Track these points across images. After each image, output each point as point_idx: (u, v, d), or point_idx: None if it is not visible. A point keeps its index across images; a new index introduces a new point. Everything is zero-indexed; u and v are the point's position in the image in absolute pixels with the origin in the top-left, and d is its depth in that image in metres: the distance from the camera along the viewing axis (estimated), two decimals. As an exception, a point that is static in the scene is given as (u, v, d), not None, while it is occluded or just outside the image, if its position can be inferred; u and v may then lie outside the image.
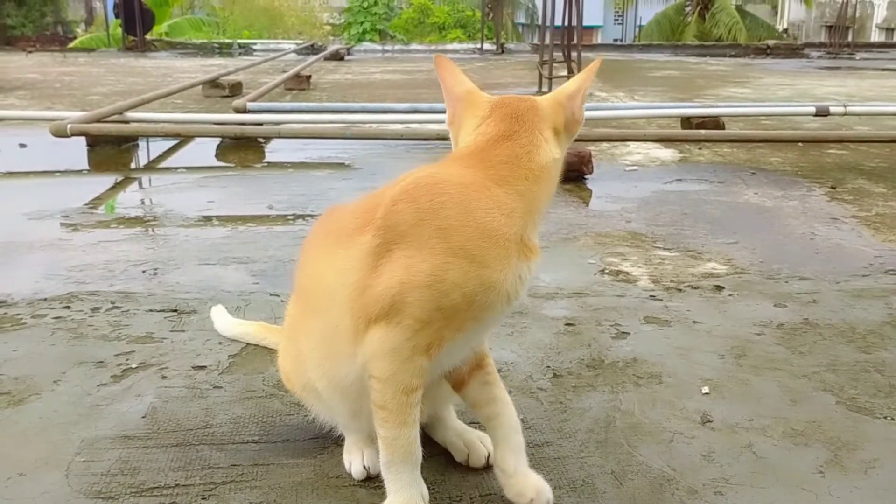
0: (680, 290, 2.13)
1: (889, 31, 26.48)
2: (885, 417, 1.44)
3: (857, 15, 15.87)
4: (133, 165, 4.06)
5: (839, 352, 1.73)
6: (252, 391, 1.53)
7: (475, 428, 1.29)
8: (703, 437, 1.36)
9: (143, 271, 2.26)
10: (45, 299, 2.02)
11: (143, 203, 3.26)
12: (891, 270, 2.30)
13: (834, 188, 3.40)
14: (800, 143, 4.26)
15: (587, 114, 4.80)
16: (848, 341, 1.78)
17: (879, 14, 26.93)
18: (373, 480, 1.21)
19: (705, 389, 1.54)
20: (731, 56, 13.40)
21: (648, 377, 1.59)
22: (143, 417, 1.43)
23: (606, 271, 2.30)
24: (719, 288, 2.14)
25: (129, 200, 3.36)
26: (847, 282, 2.20)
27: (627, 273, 2.28)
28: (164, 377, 1.59)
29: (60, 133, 3.61)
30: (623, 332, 1.82)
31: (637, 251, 2.50)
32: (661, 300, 2.04)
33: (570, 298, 2.05)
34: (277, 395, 1.51)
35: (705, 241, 2.63)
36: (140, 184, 3.63)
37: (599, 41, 27.65)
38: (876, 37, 25.97)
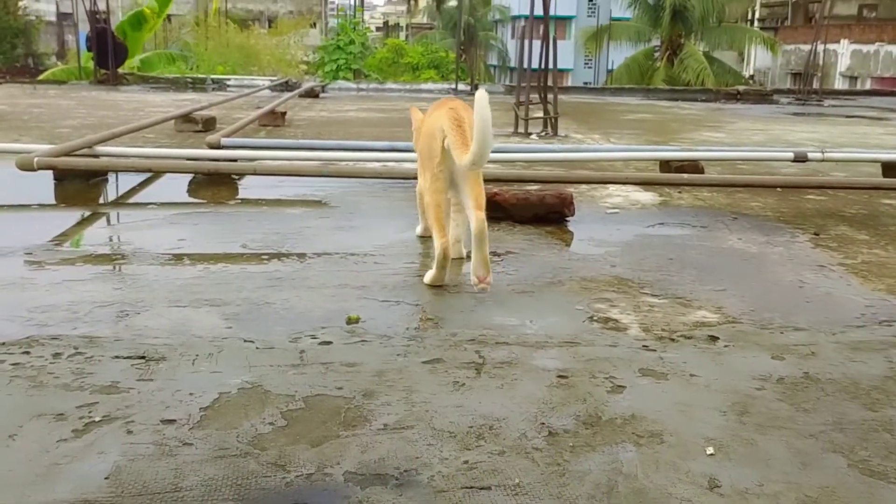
0: (673, 339, 2.05)
1: (853, 78, 27.15)
2: (901, 482, 1.37)
3: (822, 63, 16.21)
4: (102, 200, 3.92)
5: (845, 409, 1.65)
6: (225, 449, 1.42)
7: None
8: (712, 504, 1.28)
9: (111, 314, 2.14)
10: (3, 343, 1.89)
11: (111, 240, 3.13)
12: (885, 321, 2.25)
13: (817, 234, 3.37)
14: (779, 189, 4.25)
15: (566, 155, 4.79)
16: (852, 397, 1.71)
17: (843, 62, 27.62)
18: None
19: (710, 450, 1.46)
20: (702, 101, 13.57)
21: (649, 436, 1.50)
22: (105, 478, 1.31)
23: (595, 318, 2.22)
24: (714, 338, 2.07)
25: (96, 237, 3.23)
26: (843, 333, 2.14)
27: (617, 321, 2.20)
28: (129, 432, 1.47)
29: (27, 167, 3.48)
30: (619, 386, 1.74)
31: (625, 297, 2.43)
32: (655, 351, 1.96)
33: (561, 348, 1.96)
34: (253, 453, 1.40)
35: (693, 287, 2.57)
36: (108, 220, 3.51)
37: (570, 83, 27.97)
38: (840, 84, 26.60)
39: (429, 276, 2.51)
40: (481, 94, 2.26)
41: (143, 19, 17.05)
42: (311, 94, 11.12)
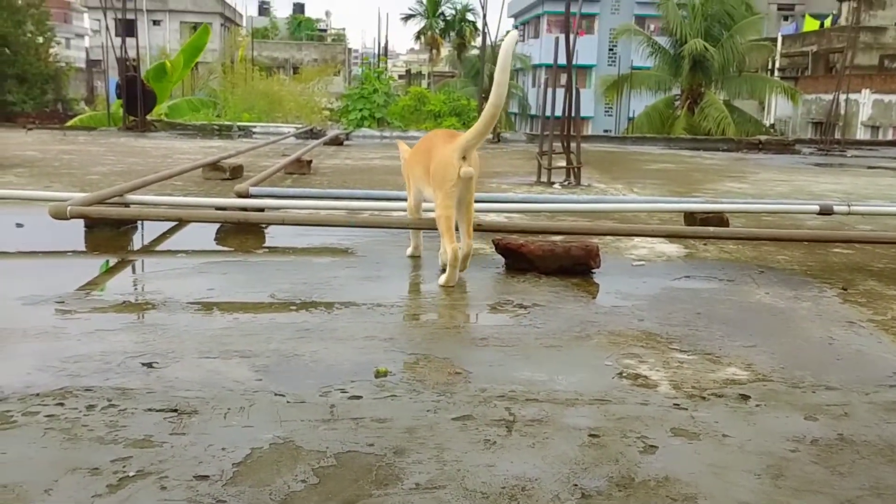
0: (704, 397, 2.04)
1: (874, 128, 27.13)
2: (943, 552, 1.34)
3: (844, 113, 16.22)
4: (131, 248, 3.98)
5: (881, 473, 1.63)
6: (259, 507, 1.42)
7: None
8: (751, 573, 1.26)
9: (141, 364, 2.16)
10: (38, 394, 1.91)
11: (141, 289, 3.17)
12: (919, 381, 2.22)
13: (846, 289, 3.35)
14: (805, 242, 4.23)
15: (591, 206, 4.81)
16: (888, 461, 1.69)
17: (865, 112, 27.64)
18: None
19: (746, 515, 1.44)
20: (724, 150, 13.59)
21: (684, 499, 1.49)
22: (140, 536, 1.31)
23: (625, 375, 2.21)
24: (745, 397, 2.05)
25: (127, 285, 3.28)
26: (876, 393, 2.12)
27: (646, 377, 2.19)
28: (163, 488, 1.48)
29: (60, 215, 3.55)
30: (651, 446, 1.72)
31: (653, 353, 2.42)
32: (686, 409, 1.95)
33: (591, 405, 1.95)
34: (286, 511, 1.40)
35: (722, 343, 2.55)
36: (138, 268, 3.55)
37: (590, 131, 28.15)
38: (861, 134, 26.60)
39: (443, 277, 3.17)
40: (511, 36, 3.26)
41: (165, 72, 17.42)
42: (336, 141, 11.26)
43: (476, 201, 5.04)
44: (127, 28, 13.71)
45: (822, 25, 35.95)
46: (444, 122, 24.48)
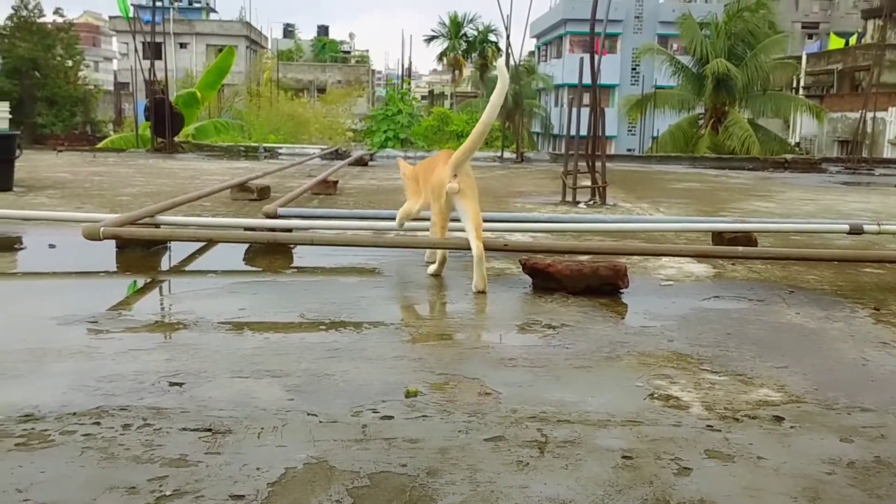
0: (737, 419, 2.02)
1: (902, 146, 26.81)
2: None
3: (871, 131, 16.08)
4: (161, 268, 4.02)
5: (921, 497, 1.61)
6: (294, 526, 1.43)
7: None
8: None
9: (174, 384, 2.18)
10: (74, 413, 1.94)
11: (173, 309, 3.21)
12: (956, 403, 2.19)
13: (878, 310, 3.31)
14: (835, 262, 4.19)
15: (618, 226, 4.80)
16: (928, 484, 1.67)
17: (891, 130, 27.34)
18: None
19: (784, 538, 1.42)
20: (749, 169, 13.52)
21: (720, 522, 1.48)
22: (178, 555, 1.32)
23: (656, 396, 2.20)
24: (779, 419, 2.03)
25: (158, 305, 3.32)
26: (913, 415, 2.09)
27: (678, 398, 2.18)
28: (199, 507, 1.49)
29: (93, 236, 3.60)
30: (685, 468, 1.71)
31: (684, 374, 2.41)
32: (720, 431, 1.93)
33: (624, 427, 1.94)
34: (322, 531, 1.40)
35: (753, 364, 2.53)
36: (170, 288, 3.59)
37: (614, 150, 28.11)
38: (888, 152, 26.29)
39: (431, 268, 3.75)
40: (501, 62, 4.21)
41: (195, 100, 17.67)
42: (361, 162, 11.34)
43: (502, 220, 5.07)
44: (155, 51, 13.93)
45: (847, 43, 35.75)
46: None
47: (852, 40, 35.53)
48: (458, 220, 3.65)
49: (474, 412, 2.03)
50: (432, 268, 3.75)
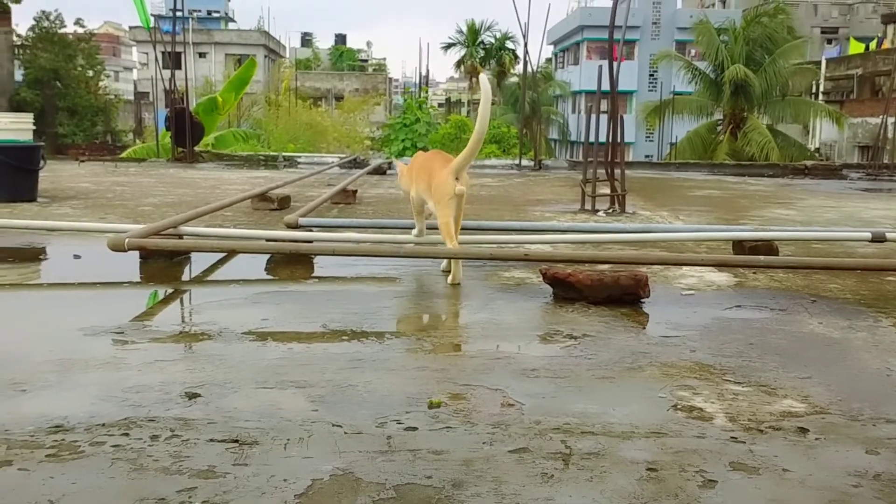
0: (761, 431, 2.02)
1: (924, 152, 26.55)
2: None
3: (892, 136, 15.93)
4: (185, 278, 4.06)
5: (949, 510, 1.60)
6: (322, 538, 1.44)
7: None
8: None
9: (202, 395, 2.20)
10: (103, 424, 1.96)
11: (197, 319, 3.23)
12: (983, 414, 2.18)
13: (902, 319, 3.29)
14: (858, 270, 4.17)
15: (639, 236, 4.80)
16: (956, 498, 1.66)
17: (913, 136, 27.07)
18: None
19: (811, 552, 1.42)
20: (769, 176, 13.43)
21: (746, 535, 1.48)
22: (209, 566, 1.34)
23: (679, 407, 2.20)
24: (803, 430, 2.03)
25: (182, 316, 3.35)
26: (939, 427, 2.07)
27: (702, 409, 2.18)
28: (228, 518, 1.51)
29: (118, 247, 3.64)
30: (710, 481, 1.71)
31: (707, 384, 2.40)
32: (745, 443, 1.93)
33: (648, 439, 1.95)
34: (350, 543, 1.42)
35: (777, 374, 2.52)
36: (193, 298, 3.63)
37: (631, 157, 28.02)
38: (911, 158, 26.01)
39: (444, 264, 3.98)
40: (483, 78, 4.16)
41: (216, 106, 17.80)
42: (379, 170, 11.38)
43: (522, 230, 5.09)
44: (174, 61, 14.05)
45: (867, 48, 35.51)
46: (484, 149, 24.58)
47: (872, 45, 35.30)
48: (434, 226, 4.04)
49: (498, 423, 2.04)
50: (451, 277, 3.84)
